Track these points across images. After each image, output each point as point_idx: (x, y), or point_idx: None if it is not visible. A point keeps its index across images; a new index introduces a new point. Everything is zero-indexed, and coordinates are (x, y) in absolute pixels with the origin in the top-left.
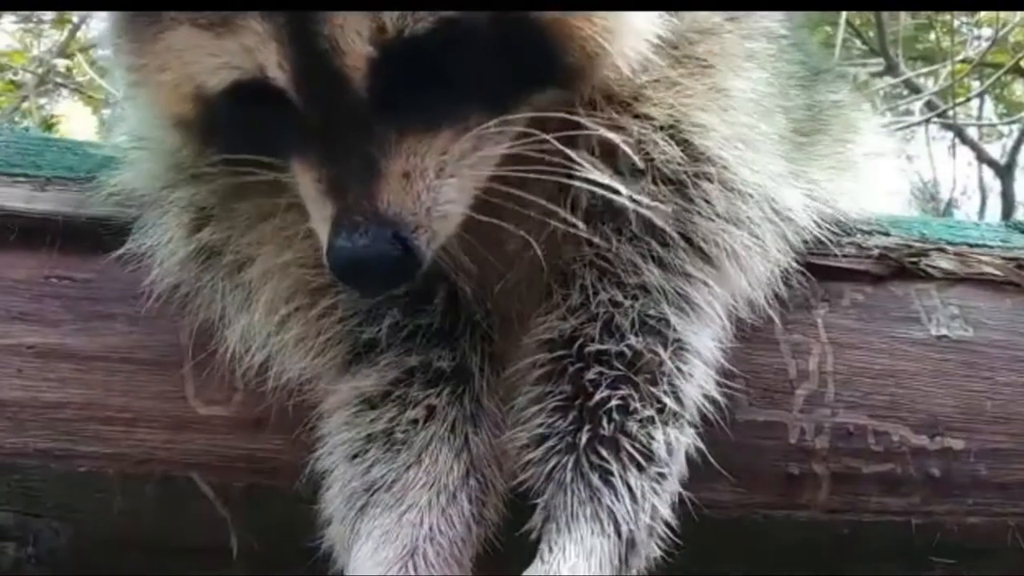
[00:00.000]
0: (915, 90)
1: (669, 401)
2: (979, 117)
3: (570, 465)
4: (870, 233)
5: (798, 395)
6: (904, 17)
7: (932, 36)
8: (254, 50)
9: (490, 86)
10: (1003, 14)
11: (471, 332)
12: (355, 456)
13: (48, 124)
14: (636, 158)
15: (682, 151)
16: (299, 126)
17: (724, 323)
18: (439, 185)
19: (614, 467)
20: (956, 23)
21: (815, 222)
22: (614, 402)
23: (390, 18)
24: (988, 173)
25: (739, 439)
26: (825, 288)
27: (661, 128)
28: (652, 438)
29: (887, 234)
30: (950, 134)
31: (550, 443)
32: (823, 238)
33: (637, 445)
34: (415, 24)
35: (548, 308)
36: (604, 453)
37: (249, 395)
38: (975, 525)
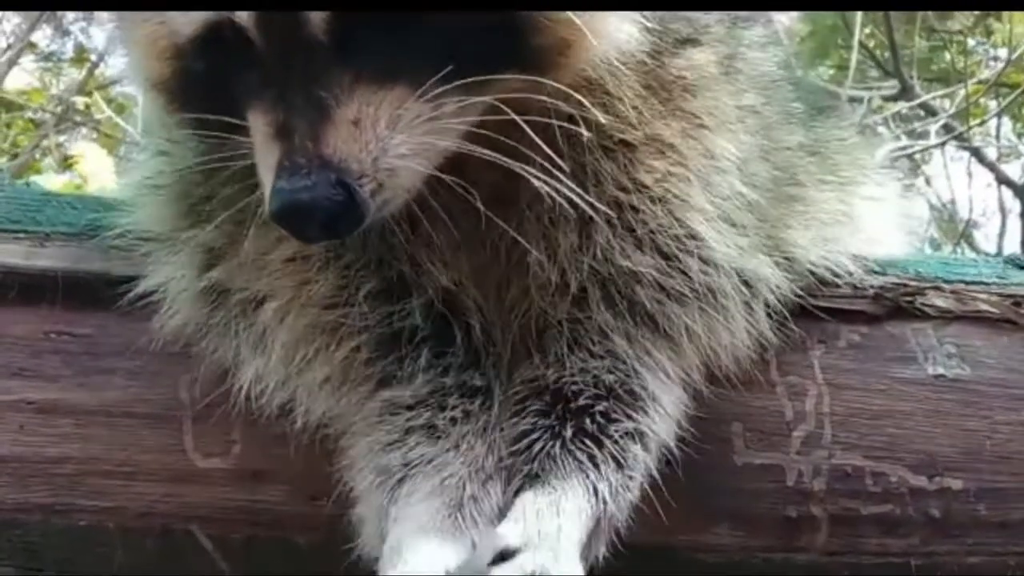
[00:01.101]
0: (931, 112)
1: (641, 424)
2: (997, 138)
3: (557, 447)
4: (866, 273)
5: (795, 437)
6: (918, 38)
7: (947, 57)
8: None
9: (452, 51)
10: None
11: (491, 358)
12: (392, 443)
13: (66, 164)
14: (636, 225)
15: (671, 225)
16: (258, 70)
17: (682, 388)
18: (390, 137)
19: (597, 455)
20: (971, 43)
21: (788, 282)
22: (597, 408)
23: None
24: (1008, 193)
25: (737, 482)
26: (821, 329)
27: (652, 199)
28: (627, 449)
29: (883, 273)
30: (968, 155)
31: (535, 435)
32: (803, 292)
33: (616, 449)
34: None
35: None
36: (588, 443)
37: (247, 447)
38: (975, 565)
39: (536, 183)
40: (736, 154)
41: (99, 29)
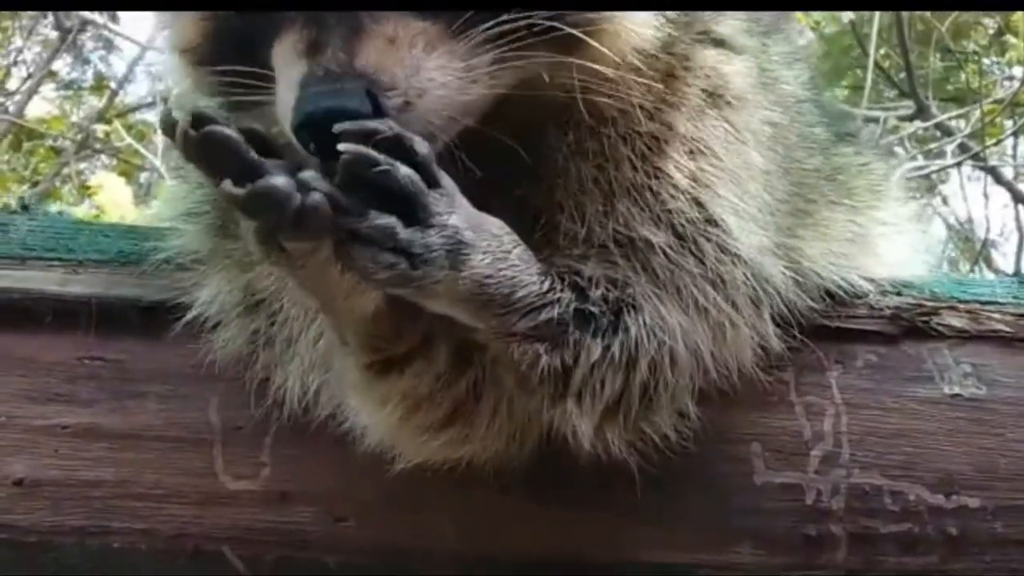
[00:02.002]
0: (947, 132)
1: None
2: (1013, 157)
3: None
4: (882, 294)
5: (814, 456)
6: (933, 58)
7: (963, 77)
8: None
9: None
10: None
11: None
12: None
13: (85, 192)
14: (653, 204)
15: (690, 210)
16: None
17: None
18: (426, 58)
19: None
20: (986, 62)
21: (797, 292)
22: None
23: None
24: None
25: (757, 502)
26: (838, 349)
27: (675, 187)
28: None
29: (899, 294)
30: (985, 175)
31: None
32: (810, 305)
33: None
34: None
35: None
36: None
37: (276, 469)
38: None
39: (560, 160)
40: (762, 165)
41: (118, 58)
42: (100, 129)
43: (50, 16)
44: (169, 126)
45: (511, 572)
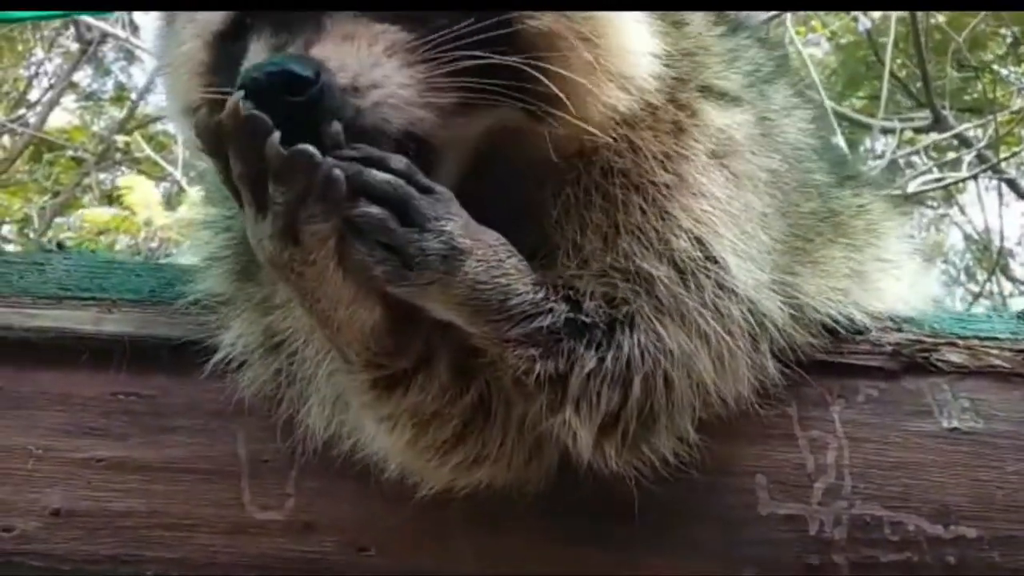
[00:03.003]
0: (964, 143)
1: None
2: None
3: None
4: (883, 330)
5: (817, 488)
6: (950, 69)
7: (979, 87)
8: None
9: (458, 34)
10: None
11: None
12: None
13: (113, 197)
14: (656, 243)
15: (692, 248)
16: (270, 18)
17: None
18: (384, 58)
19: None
20: (1003, 73)
21: (795, 327)
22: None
23: None
24: None
25: (762, 532)
26: (841, 384)
27: (679, 227)
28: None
29: (899, 330)
30: (1002, 185)
31: None
32: (809, 341)
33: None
34: None
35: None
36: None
37: (301, 500)
38: None
39: (561, 210)
40: (761, 208)
41: (139, 69)
42: (121, 140)
43: (71, 28)
44: (210, 115)
45: None
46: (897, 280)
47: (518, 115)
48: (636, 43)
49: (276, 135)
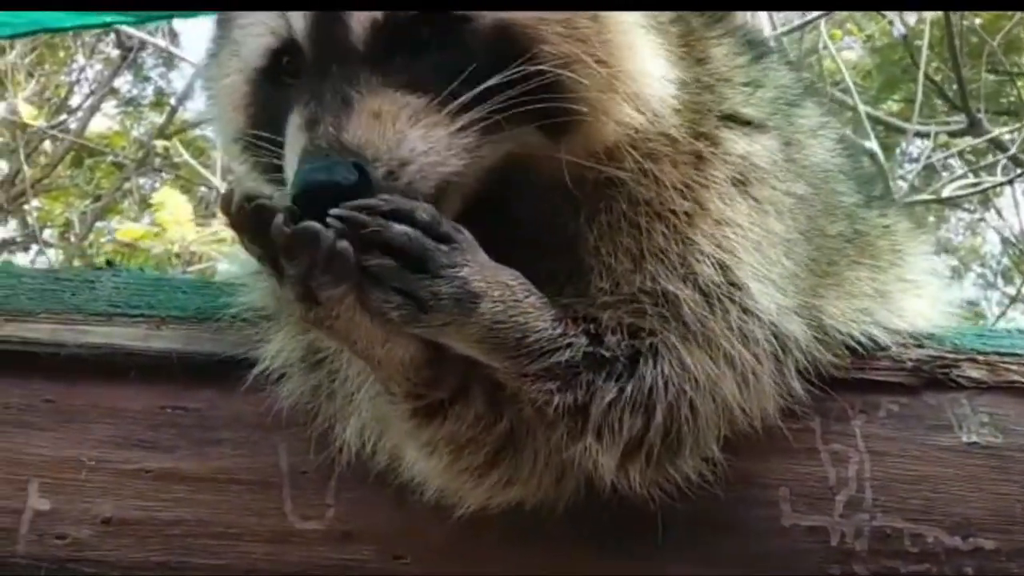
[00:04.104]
0: (1000, 147)
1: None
2: None
3: None
4: (904, 347)
5: (838, 501)
6: (985, 73)
7: (1015, 91)
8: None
9: (477, 83)
10: None
11: None
12: None
13: (147, 206)
14: (679, 266)
15: (716, 274)
16: (303, 79)
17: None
18: (408, 131)
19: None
20: None
21: (819, 348)
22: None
23: None
24: None
25: (785, 543)
26: (862, 400)
27: (701, 252)
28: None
29: (920, 346)
30: None
31: None
32: (832, 360)
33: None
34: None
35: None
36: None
37: (340, 510)
38: None
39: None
40: (784, 234)
41: (178, 75)
42: (160, 145)
43: (112, 35)
44: (226, 204)
45: None
46: (919, 299)
47: (535, 137)
48: (651, 67)
49: (279, 218)
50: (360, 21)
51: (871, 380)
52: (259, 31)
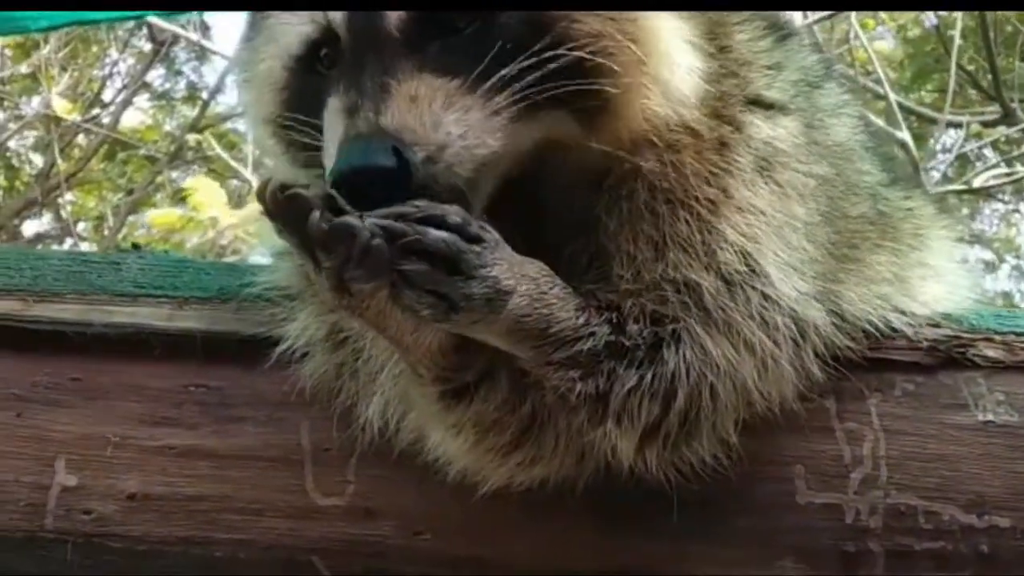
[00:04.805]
0: None
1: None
2: None
3: None
4: (919, 327)
5: (853, 479)
6: (1019, 63)
7: None
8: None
9: (509, 62)
10: None
11: None
12: None
13: (181, 196)
14: (702, 254)
15: (738, 261)
16: (341, 67)
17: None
18: (443, 114)
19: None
20: None
21: (837, 333)
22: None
23: None
24: None
25: (800, 520)
26: (878, 379)
27: (725, 240)
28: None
29: (937, 326)
30: None
31: None
32: (849, 344)
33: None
34: None
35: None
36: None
37: (360, 487)
38: None
39: (612, 226)
40: (805, 217)
41: (210, 69)
42: (192, 138)
43: (144, 29)
44: (261, 192)
45: None
46: (939, 285)
47: (567, 124)
48: (678, 55)
49: (315, 214)
50: (396, 11)
51: (887, 359)
52: (299, 19)
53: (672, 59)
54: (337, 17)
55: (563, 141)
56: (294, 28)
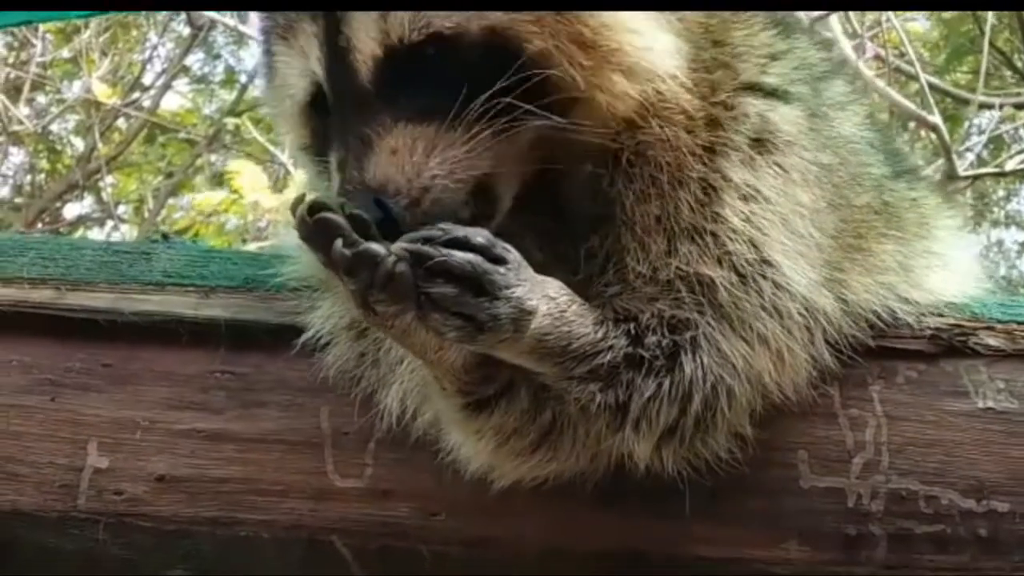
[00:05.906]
0: None
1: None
2: None
3: None
4: (922, 315)
5: (855, 464)
6: None
7: None
8: (306, 51)
9: (479, 94)
10: None
11: None
12: None
13: (221, 180)
14: (713, 246)
15: (748, 251)
16: (332, 117)
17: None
18: (424, 162)
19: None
20: None
21: (844, 320)
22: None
23: (393, 27)
24: None
25: (803, 504)
26: (881, 366)
27: (733, 230)
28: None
29: (940, 314)
30: None
31: None
32: (855, 333)
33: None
34: (411, 34)
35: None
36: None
37: (378, 470)
38: None
39: (623, 209)
40: (810, 204)
41: (248, 53)
42: (230, 122)
43: (183, 14)
44: (293, 212)
45: (583, 564)
46: (944, 273)
47: (549, 121)
48: (650, 41)
49: (339, 242)
50: (363, 60)
51: (890, 347)
52: (298, 72)
53: (640, 48)
54: (320, 73)
55: (556, 137)
56: (297, 80)
